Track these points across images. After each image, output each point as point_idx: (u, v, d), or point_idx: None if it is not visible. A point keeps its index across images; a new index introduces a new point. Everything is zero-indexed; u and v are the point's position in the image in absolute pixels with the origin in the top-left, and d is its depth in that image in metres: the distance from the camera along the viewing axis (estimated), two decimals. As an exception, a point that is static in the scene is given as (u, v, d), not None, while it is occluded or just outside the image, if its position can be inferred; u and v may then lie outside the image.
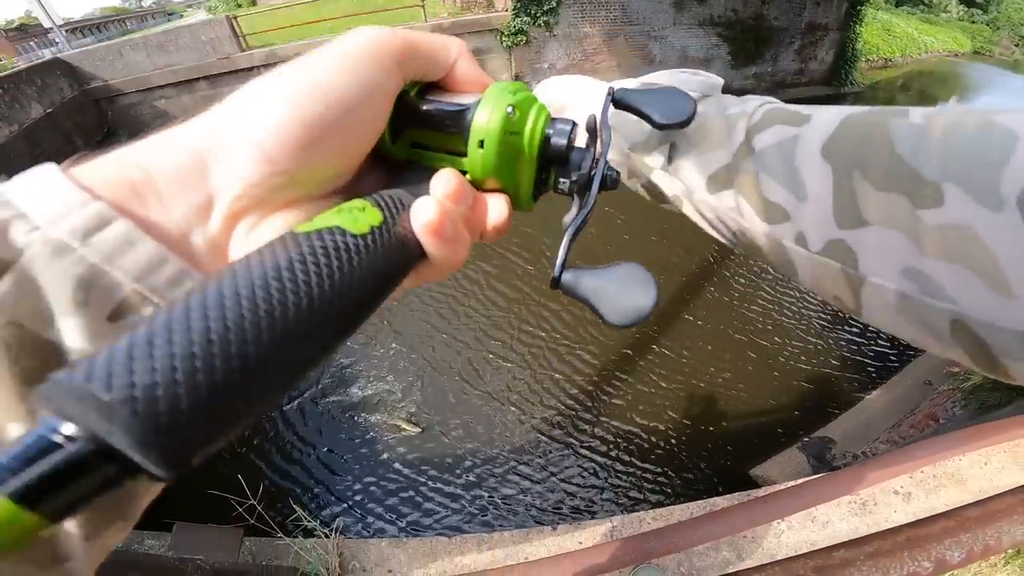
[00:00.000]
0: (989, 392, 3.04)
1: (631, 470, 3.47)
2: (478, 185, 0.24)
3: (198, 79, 7.35)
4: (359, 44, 0.20)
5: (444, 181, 0.22)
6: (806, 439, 3.39)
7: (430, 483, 3.28)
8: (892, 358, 4.20)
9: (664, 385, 4.02)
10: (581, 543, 1.86)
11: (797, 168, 0.27)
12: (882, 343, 4.34)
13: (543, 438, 3.63)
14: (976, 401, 3.05)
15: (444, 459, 3.42)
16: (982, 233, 0.21)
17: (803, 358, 4.25)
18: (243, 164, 0.18)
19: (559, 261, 0.24)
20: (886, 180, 0.24)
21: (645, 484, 3.38)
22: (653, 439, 3.66)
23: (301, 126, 0.19)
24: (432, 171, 0.23)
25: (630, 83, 0.36)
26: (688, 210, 0.35)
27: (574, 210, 0.26)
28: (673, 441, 3.65)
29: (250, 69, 7.47)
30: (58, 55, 6.92)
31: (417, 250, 0.21)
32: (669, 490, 3.33)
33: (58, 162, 0.17)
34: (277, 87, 0.19)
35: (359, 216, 0.19)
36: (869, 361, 4.22)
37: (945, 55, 13.86)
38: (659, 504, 3.13)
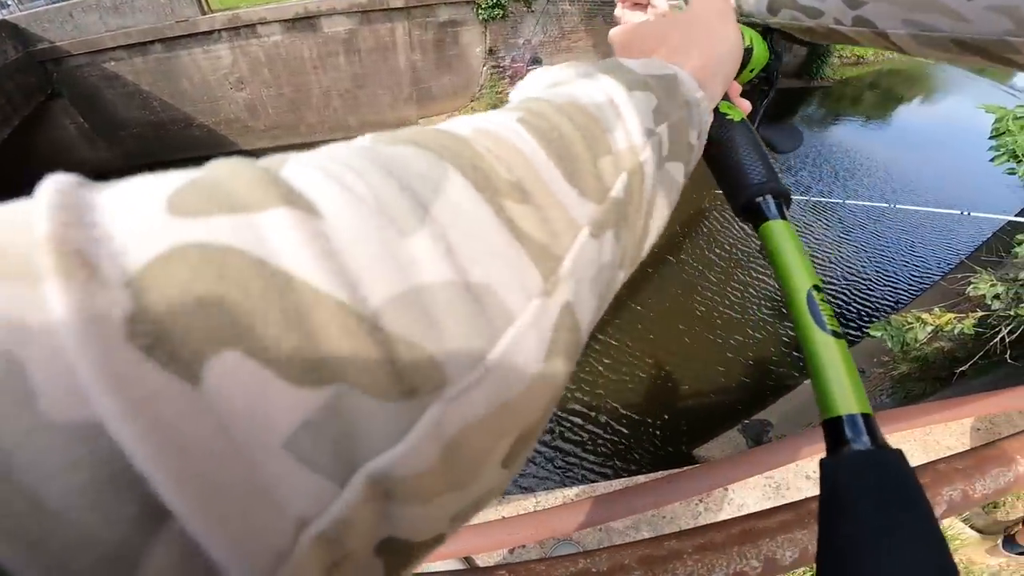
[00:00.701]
0: (915, 382, 3.18)
1: (577, 455, 3.53)
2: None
3: (153, 42, 7.00)
4: (726, 8, 0.35)
5: (737, 88, 0.38)
6: (746, 421, 3.51)
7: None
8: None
9: (610, 373, 4.08)
10: (504, 516, 1.89)
11: None
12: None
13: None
14: (903, 390, 3.19)
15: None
16: None
17: (745, 348, 4.38)
18: (721, 87, 0.33)
19: (757, 122, 0.43)
20: None
21: (589, 467, 3.45)
22: (598, 424, 3.72)
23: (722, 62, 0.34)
24: None
25: None
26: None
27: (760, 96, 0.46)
28: (618, 426, 3.73)
29: (210, 32, 7.15)
30: (5, 18, 6.51)
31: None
32: (612, 475, 3.41)
33: None
34: (709, 42, 0.32)
35: (736, 111, 0.35)
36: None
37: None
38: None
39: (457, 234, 0.14)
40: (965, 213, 3.05)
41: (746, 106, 0.37)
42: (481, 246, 0.14)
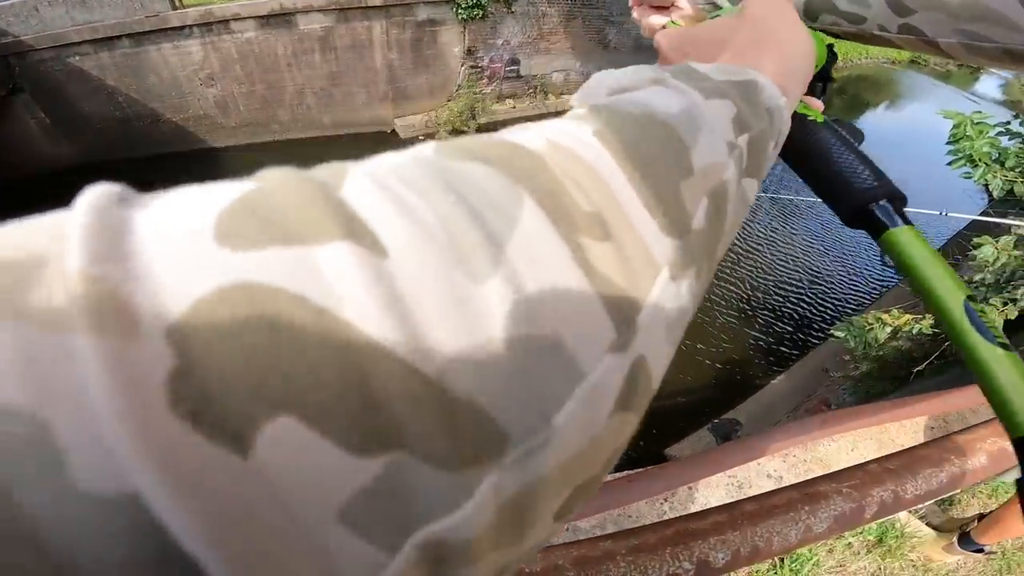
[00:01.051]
0: (875, 381, 3.28)
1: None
2: None
3: (120, 37, 6.79)
4: (788, 5, 0.31)
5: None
6: (716, 420, 3.59)
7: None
8: (792, 352, 4.49)
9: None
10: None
11: None
12: (786, 340, 4.61)
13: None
14: (863, 389, 3.29)
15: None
16: (987, 3, 0.32)
17: (712, 352, 4.47)
18: (800, 91, 0.30)
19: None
20: None
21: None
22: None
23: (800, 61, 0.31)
24: None
25: None
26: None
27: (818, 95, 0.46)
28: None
29: (181, 28, 6.97)
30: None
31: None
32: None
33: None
34: (780, 41, 0.30)
35: (816, 112, 0.34)
36: (770, 354, 4.50)
37: (883, 62, 14.48)
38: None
39: (531, 281, 0.12)
40: (943, 214, 3.19)
41: (819, 105, 0.35)
42: (556, 295, 0.12)
